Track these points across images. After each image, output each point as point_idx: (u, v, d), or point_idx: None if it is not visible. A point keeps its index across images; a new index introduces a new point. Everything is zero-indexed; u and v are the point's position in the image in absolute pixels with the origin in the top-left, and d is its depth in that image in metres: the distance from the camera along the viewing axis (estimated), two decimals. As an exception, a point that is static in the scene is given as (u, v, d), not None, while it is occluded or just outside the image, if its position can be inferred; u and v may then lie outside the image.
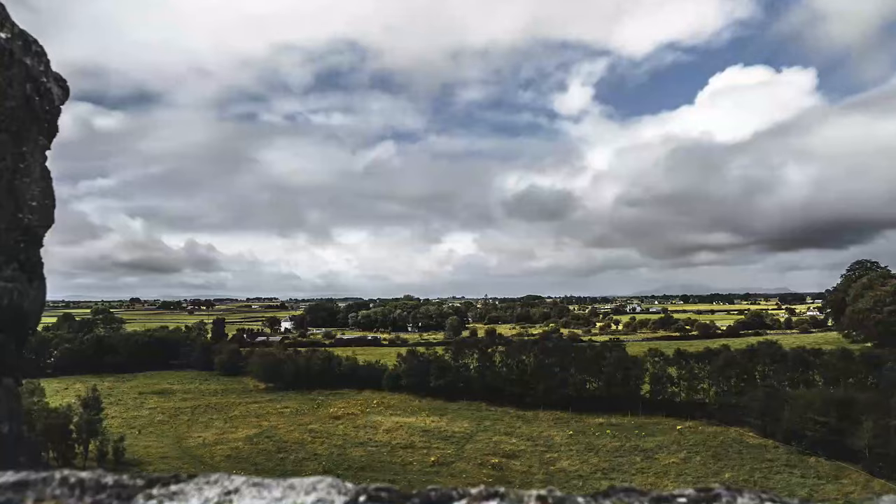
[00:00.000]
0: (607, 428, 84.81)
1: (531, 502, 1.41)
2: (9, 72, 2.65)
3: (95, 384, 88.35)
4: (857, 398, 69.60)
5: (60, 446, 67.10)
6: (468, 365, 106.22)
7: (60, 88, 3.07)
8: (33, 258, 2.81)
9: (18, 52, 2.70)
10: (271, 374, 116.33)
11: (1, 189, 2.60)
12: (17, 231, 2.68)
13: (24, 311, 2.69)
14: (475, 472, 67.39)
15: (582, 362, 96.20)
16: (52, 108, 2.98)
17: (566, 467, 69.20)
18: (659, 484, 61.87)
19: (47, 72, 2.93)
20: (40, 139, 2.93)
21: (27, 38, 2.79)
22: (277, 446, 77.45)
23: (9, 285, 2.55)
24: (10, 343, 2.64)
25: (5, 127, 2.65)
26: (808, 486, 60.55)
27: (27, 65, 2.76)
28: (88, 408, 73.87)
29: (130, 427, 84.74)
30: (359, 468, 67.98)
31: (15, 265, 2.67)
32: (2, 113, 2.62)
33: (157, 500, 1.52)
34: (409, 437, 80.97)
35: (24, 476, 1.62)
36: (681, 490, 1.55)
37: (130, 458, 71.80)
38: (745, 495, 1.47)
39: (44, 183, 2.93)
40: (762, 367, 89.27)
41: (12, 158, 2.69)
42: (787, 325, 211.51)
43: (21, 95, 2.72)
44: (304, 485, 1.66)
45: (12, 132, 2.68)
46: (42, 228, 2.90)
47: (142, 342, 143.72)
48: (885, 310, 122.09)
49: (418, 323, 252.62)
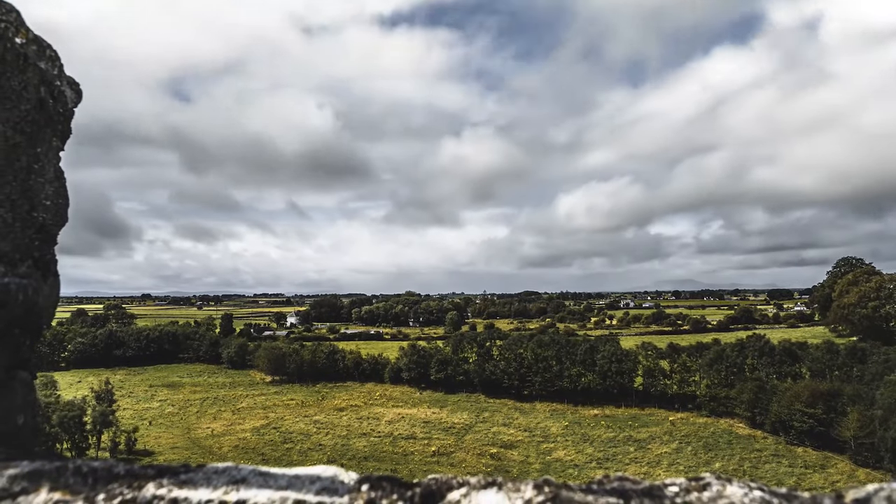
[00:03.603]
0: (602, 419, 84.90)
1: (528, 491, 1.41)
2: (24, 75, 2.64)
3: (108, 377, 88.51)
4: (842, 390, 69.69)
5: (74, 437, 67.21)
6: (468, 358, 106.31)
7: (73, 91, 3.06)
8: (47, 256, 2.80)
9: (33, 56, 2.69)
10: (277, 368, 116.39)
11: (16, 188, 2.60)
12: (32, 229, 2.68)
13: (39, 307, 2.68)
14: (474, 461, 67.48)
15: (577, 356, 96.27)
16: (65, 110, 2.97)
17: (562, 457, 69.30)
18: (652, 473, 61.96)
19: (61, 75, 2.93)
20: (54, 141, 2.92)
21: (41, 42, 2.78)
22: (283, 437, 77.56)
23: (24, 282, 2.55)
24: (25, 338, 2.64)
25: (20, 129, 2.64)
26: (795, 476, 60.65)
27: (41, 69, 2.75)
28: (101, 400, 74.00)
29: (142, 419, 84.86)
30: (362, 458, 68.08)
31: (30, 262, 2.67)
32: (17, 115, 2.61)
33: (167, 489, 1.53)
34: (411, 428, 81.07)
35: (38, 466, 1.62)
36: (672, 479, 1.55)
37: (142, 448, 71.95)
38: (735, 484, 1.47)
39: (57, 183, 2.92)
40: (751, 360, 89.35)
41: (27, 159, 2.68)
42: (776, 320, 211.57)
43: (35, 98, 2.72)
44: (309, 474, 1.66)
45: (27, 134, 2.68)
46: (56, 227, 2.89)
47: (152, 337, 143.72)
48: (870, 305, 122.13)
49: (419, 318, 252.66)
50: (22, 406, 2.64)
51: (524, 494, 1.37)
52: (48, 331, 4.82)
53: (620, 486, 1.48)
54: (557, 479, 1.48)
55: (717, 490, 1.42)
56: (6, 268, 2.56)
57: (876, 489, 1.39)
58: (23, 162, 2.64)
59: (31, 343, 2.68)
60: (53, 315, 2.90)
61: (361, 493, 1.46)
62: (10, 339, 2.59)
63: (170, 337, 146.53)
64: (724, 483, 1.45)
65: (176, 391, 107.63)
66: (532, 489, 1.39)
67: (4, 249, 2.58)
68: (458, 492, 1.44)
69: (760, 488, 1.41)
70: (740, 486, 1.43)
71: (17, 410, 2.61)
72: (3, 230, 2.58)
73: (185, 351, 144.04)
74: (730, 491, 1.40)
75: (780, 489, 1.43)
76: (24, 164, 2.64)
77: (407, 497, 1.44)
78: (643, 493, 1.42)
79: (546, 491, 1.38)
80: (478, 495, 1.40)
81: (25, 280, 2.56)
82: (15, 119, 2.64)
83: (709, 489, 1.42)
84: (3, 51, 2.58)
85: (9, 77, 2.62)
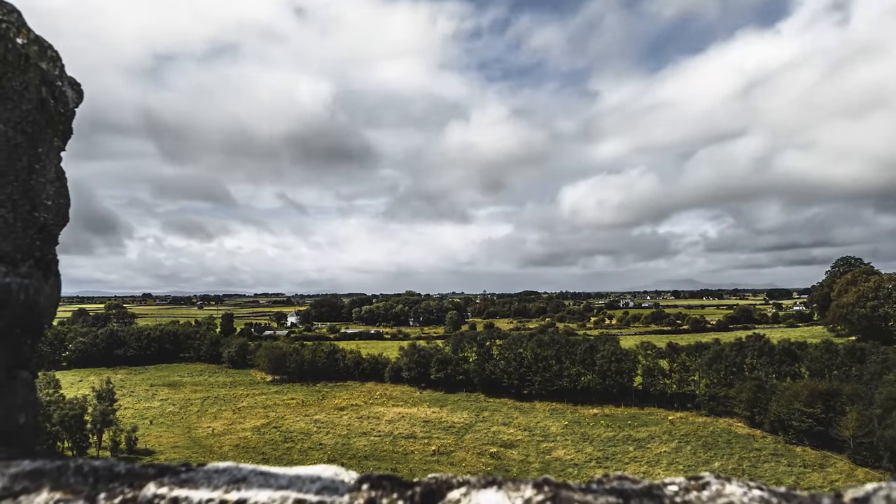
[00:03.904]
0: (601, 418, 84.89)
1: (528, 490, 1.41)
2: (25, 76, 2.64)
3: (109, 377, 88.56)
4: (841, 390, 69.68)
5: (75, 436, 67.22)
6: (467, 358, 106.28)
7: (74, 92, 3.06)
8: (48, 256, 2.80)
9: (34, 56, 2.69)
10: (278, 367, 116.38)
11: (17, 189, 2.60)
12: (33, 229, 2.68)
13: (40, 307, 2.68)
14: (474, 460, 67.49)
15: (577, 355, 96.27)
16: (66, 111, 2.97)
17: (562, 456, 69.30)
18: (651, 472, 61.96)
19: (62, 76, 2.92)
20: (55, 141, 2.92)
21: (42, 43, 2.78)
22: (284, 436, 77.55)
23: (25, 281, 2.55)
24: (26, 337, 2.64)
25: (22, 129, 2.64)
26: (794, 475, 60.64)
27: (43, 69, 2.75)
28: (102, 399, 74.05)
29: (142, 418, 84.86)
30: (362, 457, 68.08)
31: (31, 262, 2.67)
32: (18, 116, 2.61)
33: (168, 489, 1.53)
34: (411, 428, 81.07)
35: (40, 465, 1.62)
36: (672, 478, 1.55)
37: (142, 447, 71.95)
38: (734, 483, 1.47)
39: (59, 183, 2.92)
40: (750, 359, 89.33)
41: (28, 159, 2.68)
42: (775, 320, 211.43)
43: (37, 99, 2.71)
44: (310, 473, 1.66)
45: (28, 134, 2.67)
46: (57, 227, 2.89)
47: (153, 336, 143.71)
48: (868, 304, 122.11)
49: (419, 317, 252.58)
50: (23, 405, 2.63)
51: (524, 493, 1.37)
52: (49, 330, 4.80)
53: (620, 485, 1.48)
54: (557, 479, 1.48)
55: (716, 489, 1.42)
56: (8, 268, 2.56)
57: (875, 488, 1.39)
58: (24, 162, 2.64)
59: (33, 342, 2.68)
60: (55, 315, 2.90)
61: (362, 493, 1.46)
62: (12, 338, 2.59)
63: (171, 336, 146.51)
64: (724, 482, 1.45)
65: (177, 390, 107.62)
66: (532, 488, 1.39)
67: (6, 249, 2.58)
68: (458, 491, 1.44)
69: (759, 487, 1.41)
70: (739, 485, 1.43)
71: (18, 410, 2.61)
72: (4, 230, 2.58)
73: (185, 350, 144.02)
74: (729, 490, 1.40)
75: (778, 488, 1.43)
76: (25, 165, 2.64)
77: (407, 496, 1.44)
78: (642, 493, 1.42)
79: (546, 490, 1.38)
80: (478, 494, 1.40)
81: (27, 280, 2.56)
82: (16, 119, 2.64)
83: (708, 488, 1.42)
84: (5, 51, 2.58)
85: (10, 77, 2.62)
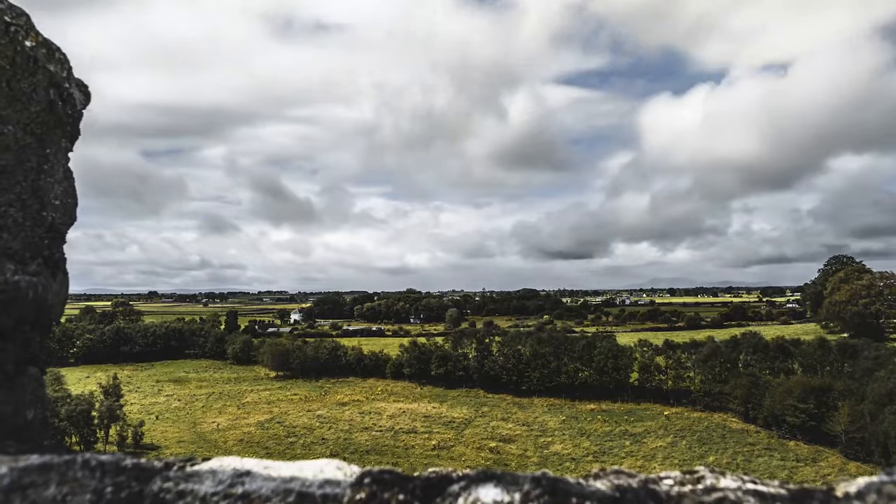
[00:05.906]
0: (598, 414, 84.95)
1: (526, 484, 1.41)
2: (34, 78, 2.64)
3: (115, 373, 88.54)
4: (833, 385, 69.73)
5: (83, 431, 67.32)
6: (467, 354, 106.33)
7: (82, 94, 3.06)
8: (56, 254, 2.81)
9: (42, 59, 2.70)
10: (281, 363, 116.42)
11: (26, 188, 2.60)
12: (42, 228, 2.68)
13: (48, 304, 2.69)
14: (474, 455, 67.56)
15: (574, 352, 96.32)
16: (74, 112, 2.97)
17: (559, 451, 69.36)
18: (647, 466, 62.01)
19: (69, 78, 2.93)
20: (63, 142, 2.93)
21: (51, 45, 2.78)
22: (287, 431, 77.62)
23: (34, 279, 2.55)
24: (34, 334, 2.64)
25: (30, 130, 2.64)
26: (787, 469, 60.70)
27: (51, 71, 2.75)
28: (109, 395, 74.10)
29: (148, 413, 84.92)
30: (364, 451, 68.15)
31: (39, 260, 2.67)
32: (27, 117, 2.62)
33: (174, 482, 1.53)
34: (412, 423, 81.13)
35: (48, 459, 1.62)
36: (667, 472, 1.56)
37: (148, 442, 72.02)
38: (728, 477, 1.47)
39: (66, 183, 2.92)
40: (745, 356, 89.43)
41: (37, 160, 2.69)
42: (769, 317, 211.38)
43: (45, 100, 2.72)
44: (312, 467, 1.66)
45: (37, 135, 2.68)
46: (65, 226, 2.89)
47: (159, 333, 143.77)
48: (861, 302, 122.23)
49: (420, 315, 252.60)
50: (31, 401, 2.64)
51: (522, 487, 1.38)
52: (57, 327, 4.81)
53: (616, 479, 1.49)
54: (555, 473, 1.48)
55: (710, 483, 1.42)
56: (17, 266, 2.57)
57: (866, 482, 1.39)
58: (33, 162, 2.64)
59: (41, 339, 2.69)
60: (62, 312, 2.91)
61: (363, 486, 1.47)
62: (21, 335, 2.60)
63: (176, 333, 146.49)
64: (718, 476, 1.45)
65: (182, 386, 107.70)
66: (530, 482, 1.40)
67: (15, 248, 2.58)
68: (457, 484, 1.45)
69: (753, 481, 1.41)
70: (733, 478, 1.43)
71: (26, 405, 2.61)
72: (13, 229, 2.58)
73: (191, 347, 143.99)
74: (723, 483, 1.41)
75: (772, 482, 1.43)
76: (33, 165, 2.65)
77: (408, 490, 1.44)
78: (638, 486, 1.43)
79: (543, 483, 1.38)
80: (477, 488, 1.41)
81: (35, 278, 2.56)
82: (25, 120, 2.64)
83: (703, 482, 1.43)
84: (14, 54, 2.58)
85: (19, 79, 2.62)
